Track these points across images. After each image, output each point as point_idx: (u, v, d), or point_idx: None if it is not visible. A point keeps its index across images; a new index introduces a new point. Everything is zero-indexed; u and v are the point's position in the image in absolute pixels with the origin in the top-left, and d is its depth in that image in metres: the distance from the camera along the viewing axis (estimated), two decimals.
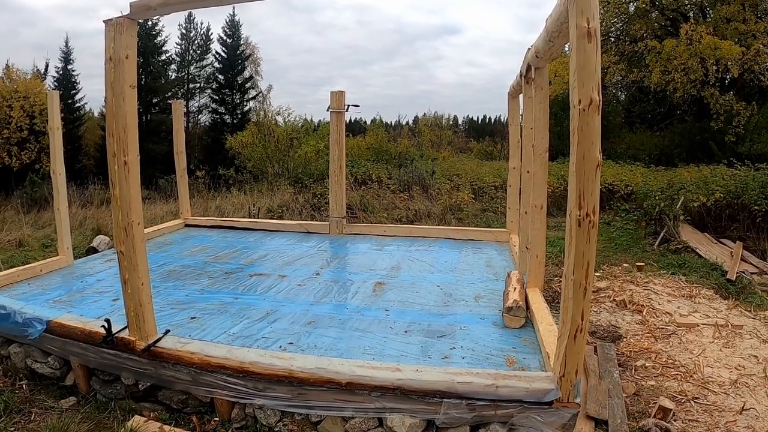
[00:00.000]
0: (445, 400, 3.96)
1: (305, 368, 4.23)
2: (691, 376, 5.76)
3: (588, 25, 3.29)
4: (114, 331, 4.84)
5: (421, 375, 4.05)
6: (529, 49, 6.17)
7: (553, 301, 7.30)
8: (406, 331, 5.28)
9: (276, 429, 4.38)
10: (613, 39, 26.59)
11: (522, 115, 7.82)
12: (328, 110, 9.94)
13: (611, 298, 8.14)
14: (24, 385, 5.46)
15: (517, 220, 8.44)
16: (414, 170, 19.88)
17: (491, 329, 5.34)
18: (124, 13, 4.50)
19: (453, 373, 4.06)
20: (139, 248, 4.62)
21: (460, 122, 58.45)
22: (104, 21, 4.57)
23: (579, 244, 3.42)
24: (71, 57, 38.62)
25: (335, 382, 4.14)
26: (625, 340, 6.76)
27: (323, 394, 4.21)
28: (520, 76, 7.03)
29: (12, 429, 4.73)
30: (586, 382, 5.32)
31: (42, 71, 36.18)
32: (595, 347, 6.28)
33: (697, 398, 5.31)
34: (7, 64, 31.24)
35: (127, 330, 4.87)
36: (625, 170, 18.32)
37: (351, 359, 4.46)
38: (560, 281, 8.53)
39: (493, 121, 60.72)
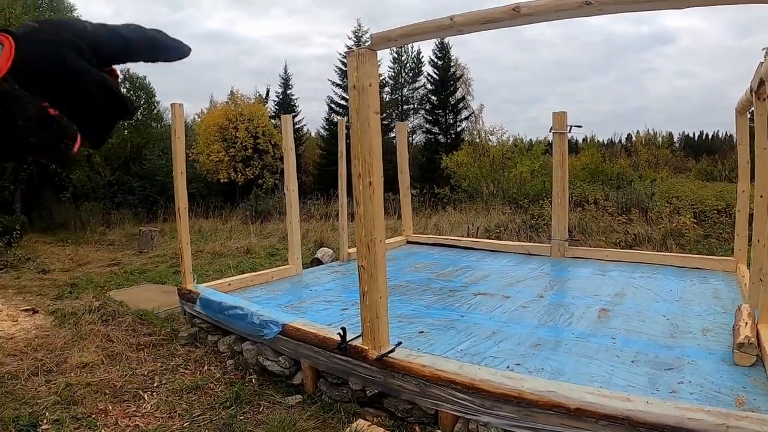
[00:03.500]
0: None
1: (535, 390, 4.30)
2: None
3: None
4: (348, 339, 5.20)
5: (651, 407, 4.00)
6: (761, 63, 5.91)
7: None
8: (633, 361, 5.22)
9: None
10: None
11: (752, 134, 7.48)
12: (550, 131, 9.97)
13: None
14: (253, 380, 6.01)
15: (745, 248, 8.07)
16: (632, 192, 19.32)
17: (720, 365, 5.16)
18: (365, 45, 4.83)
19: (683, 409, 3.97)
20: (380, 264, 4.91)
21: (675, 139, 55.78)
22: (346, 52, 5.00)
23: None
24: (290, 82, 41.22)
25: (564, 407, 4.17)
26: None
27: (549, 417, 4.25)
28: (751, 91, 6.70)
29: (241, 418, 5.20)
30: None
31: (263, 96, 38.74)
32: None
33: None
34: (231, 90, 33.85)
35: (360, 339, 5.21)
36: None
37: (580, 385, 4.49)
38: None
39: (710, 137, 57.32)
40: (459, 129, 41.68)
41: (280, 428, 4.80)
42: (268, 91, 39.96)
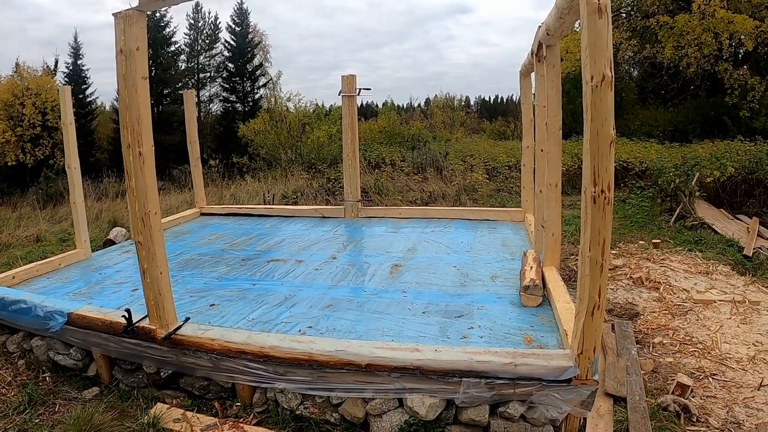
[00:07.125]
0: (464, 379, 3.96)
1: (325, 351, 4.25)
2: (709, 352, 5.73)
3: (598, 0, 3.26)
4: (134, 321, 4.88)
5: (440, 355, 4.05)
6: (539, 26, 6.11)
7: (569, 279, 7.27)
8: (423, 312, 5.30)
9: (297, 412, 4.40)
10: (624, 14, 26.08)
11: (534, 94, 7.78)
12: (339, 95, 9.94)
13: (628, 276, 8.12)
14: (47, 378, 5.49)
15: (531, 199, 8.41)
16: (427, 152, 19.84)
17: (508, 308, 5.35)
18: (133, 5, 4.50)
19: (472, 353, 4.06)
20: (157, 238, 4.64)
21: (472, 103, 58.11)
22: (114, 14, 4.56)
23: (594, 221, 3.40)
24: (81, 52, 38.56)
25: (355, 364, 4.15)
26: (642, 317, 6.74)
27: (343, 376, 4.22)
28: (532, 54, 6.97)
29: (36, 421, 4.77)
30: (604, 359, 5.32)
31: (52, 68, 36.24)
32: (613, 325, 6.28)
33: (715, 375, 5.29)
34: (17, 62, 31.49)
35: (147, 319, 4.91)
36: (639, 147, 18.18)
37: (370, 341, 4.47)
38: (576, 260, 8.51)
39: (505, 100, 60.44)
40: (257, 96, 41.29)
41: (76, 426, 4.42)
42: (56, 62, 37.34)
